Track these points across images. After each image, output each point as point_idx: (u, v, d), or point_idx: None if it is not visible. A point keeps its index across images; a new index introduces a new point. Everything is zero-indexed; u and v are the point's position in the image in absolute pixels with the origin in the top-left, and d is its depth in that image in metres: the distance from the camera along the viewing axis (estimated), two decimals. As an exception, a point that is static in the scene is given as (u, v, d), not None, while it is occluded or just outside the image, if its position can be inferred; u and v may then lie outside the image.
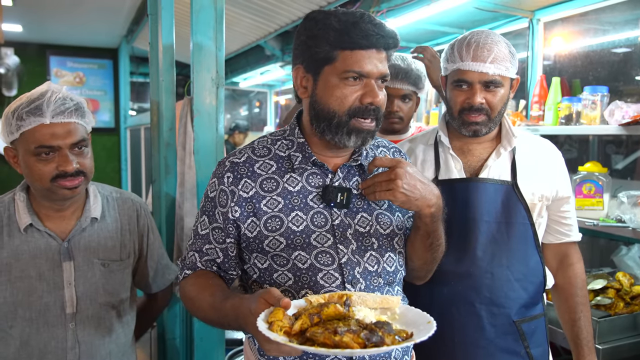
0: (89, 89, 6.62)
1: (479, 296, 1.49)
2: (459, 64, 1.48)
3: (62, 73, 6.50)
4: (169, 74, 2.26)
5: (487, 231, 1.49)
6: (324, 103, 1.16)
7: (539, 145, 1.62)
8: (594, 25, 2.95)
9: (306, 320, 0.95)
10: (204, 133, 1.91)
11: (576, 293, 1.60)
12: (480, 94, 1.47)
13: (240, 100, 9.07)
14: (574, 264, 1.62)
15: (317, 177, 1.23)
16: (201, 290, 1.21)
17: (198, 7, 1.87)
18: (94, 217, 1.57)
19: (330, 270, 1.18)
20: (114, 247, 1.60)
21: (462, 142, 1.59)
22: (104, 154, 6.73)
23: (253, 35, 4.39)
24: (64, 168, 1.42)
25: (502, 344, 1.50)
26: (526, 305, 1.53)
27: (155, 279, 1.78)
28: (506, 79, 1.49)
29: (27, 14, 5.02)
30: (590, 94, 2.40)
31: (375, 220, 1.23)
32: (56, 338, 1.50)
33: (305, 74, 1.20)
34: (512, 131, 1.56)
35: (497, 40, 1.48)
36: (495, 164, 1.55)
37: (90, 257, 1.55)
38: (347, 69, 1.13)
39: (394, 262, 1.26)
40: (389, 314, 1.05)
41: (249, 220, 1.20)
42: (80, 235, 1.54)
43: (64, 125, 1.43)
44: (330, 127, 1.17)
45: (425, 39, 3.68)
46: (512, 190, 1.51)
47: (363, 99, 1.15)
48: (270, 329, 0.92)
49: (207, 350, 1.95)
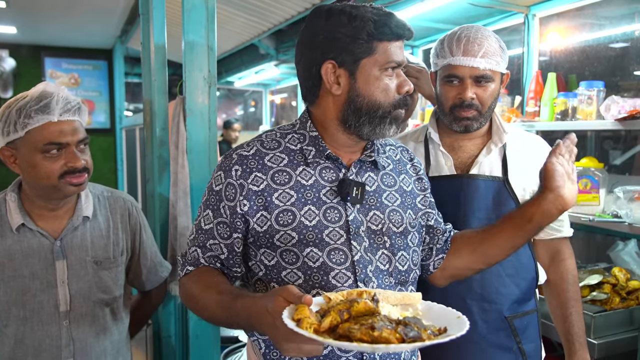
0: (84, 90, 6.60)
1: (470, 292, 1.49)
2: (450, 59, 1.47)
3: (57, 74, 6.48)
4: (161, 73, 2.25)
5: (478, 227, 1.47)
6: (369, 96, 1.15)
7: (530, 141, 1.61)
8: (590, 20, 2.94)
9: (336, 316, 0.91)
10: (197, 132, 1.90)
11: (568, 289, 1.59)
12: (471, 89, 1.46)
13: (235, 99, 9.06)
14: (566, 259, 1.61)
15: (331, 171, 1.21)
16: (206, 288, 1.17)
17: (189, 5, 1.86)
18: (85, 216, 1.58)
19: (343, 269, 1.15)
20: (106, 245, 1.61)
21: (452, 139, 1.58)
22: (100, 155, 6.71)
23: (247, 34, 4.38)
24: (73, 164, 1.46)
25: (494, 339, 1.49)
26: (518, 301, 1.52)
27: (148, 277, 1.78)
28: (497, 73, 1.48)
29: (21, 16, 5.00)
30: (586, 89, 2.39)
31: (387, 217, 1.21)
32: (50, 336, 1.51)
33: (338, 69, 1.16)
34: (502, 127, 1.55)
35: (487, 34, 1.47)
36: (485, 160, 1.54)
37: (83, 256, 1.56)
38: (389, 60, 1.14)
39: (406, 261, 1.24)
40: (410, 310, 1.03)
41: (259, 214, 1.16)
42: (72, 234, 1.55)
43: (69, 123, 1.47)
44: (374, 120, 1.16)
45: (420, 36, 3.67)
46: (503, 186, 1.51)
47: (400, 89, 1.17)
48: (299, 326, 0.88)
49: (202, 348, 1.94)
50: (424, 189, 1.34)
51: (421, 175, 1.35)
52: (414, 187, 1.31)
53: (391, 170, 1.29)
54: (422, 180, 1.34)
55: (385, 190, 1.25)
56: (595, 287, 2.12)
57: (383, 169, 1.27)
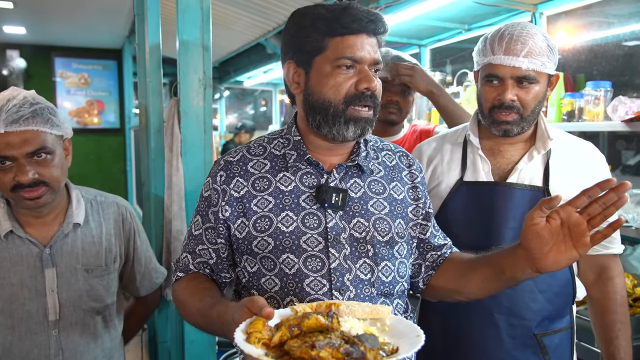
0: (94, 90, 6.64)
1: (498, 306, 1.40)
2: (490, 57, 1.39)
3: (67, 74, 6.53)
4: (155, 74, 2.23)
5: (511, 238, 1.38)
6: (318, 94, 1.13)
7: (579, 148, 1.48)
8: (599, 18, 2.87)
9: (286, 332, 0.89)
10: (192, 135, 1.88)
11: (615, 310, 1.44)
12: (512, 90, 1.37)
13: (246, 99, 9.06)
14: (614, 277, 1.46)
15: (312, 177, 1.18)
16: (192, 294, 1.18)
17: (183, 6, 1.83)
18: (76, 223, 1.54)
19: (318, 276, 1.13)
20: (98, 252, 1.57)
21: (492, 142, 1.49)
22: (110, 155, 6.75)
23: (252, 33, 4.36)
24: (19, 179, 1.38)
25: (520, 356, 1.40)
26: (550, 317, 1.42)
27: (142, 283, 1.76)
28: (542, 75, 1.38)
29: (30, 16, 5.03)
30: (593, 89, 2.32)
31: (372, 226, 1.17)
32: (39, 345, 1.48)
33: (297, 69, 1.17)
34: (548, 132, 1.44)
35: (534, 32, 1.37)
36: (526, 168, 1.44)
37: (73, 264, 1.52)
38: (339, 56, 1.10)
39: (391, 272, 1.19)
40: (378, 325, 0.99)
41: (239, 220, 1.17)
42: (62, 242, 1.52)
43: (19, 134, 1.36)
44: (327, 119, 1.13)
45: (426, 35, 3.62)
46: (542, 196, 1.37)
47: (358, 85, 1.11)
48: (248, 340, 0.87)
49: (198, 354, 1.93)
50: (418, 198, 1.27)
51: (417, 184, 1.28)
52: (406, 196, 1.26)
53: (381, 177, 1.24)
54: (418, 189, 1.28)
55: (372, 198, 1.20)
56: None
57: (371, 174, 1.23)
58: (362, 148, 1.23)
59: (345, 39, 1.10)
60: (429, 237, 1.28)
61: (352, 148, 1.23)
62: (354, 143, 1.23)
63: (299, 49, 1.15)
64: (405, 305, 1.27)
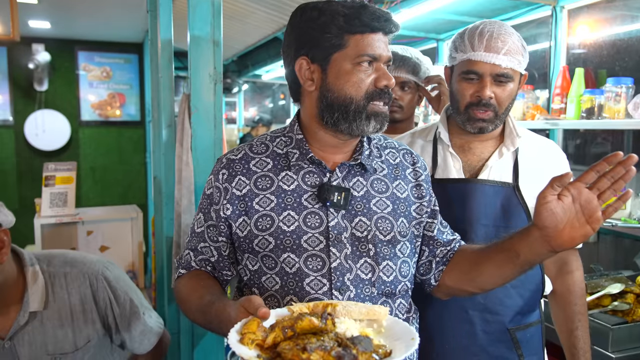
0: (115, 83, 6.73)
1: (473, 302, 1.42)
2: (470, 53, 1.39)
3: (90, 68, 6.63)
4: (167, 69, 2.24)
5: (484, 235, 1.40)
6: (338, 90, 1.12)
7: (544, 147, 1.52)
8: (622, 12, 2.78)
9: (279, 333, 0.89)
10: (202, 130, 1.88)
11: (575, 302, 1.51)
12: (490, 88, 1.38)
13: (264, 92, 9.08)
14: (574, 271, 1.53)
15: (314, 175, 1.17)
16: (192, 291, 1.19)
17: (195, 1, 1.83)
18: (32, 312, 1.41)
19: (318, 276, 1.12)
20: (66, 336, 1.46)
21: (463, 140, 1.50)
22: (131, 147, 6.85)
23: (268, 28, 4.36)
24: None
25: (494, 351, 1.43)
26: (522, 312, 1.45)
27: (133, 346, 1.64)
28: (516, 73, 1.41)
29: (55, 11, 5.13)
30: (614, 85, 2.25)
31: (374, 225, 1.16)
32: None
33: (311, 65, 1.15)
34: (516, 130, 1.47)
35: (511, 32, 1.40)
36: (496, 165, 1.46)
37: (38, 353, 1.41)
38: (361, 53, 1.11)
39: (392, 271, 1.18)
40: (375, 326, 0.98)
41: (241, 219, 1.17)
42: (22, 331, 1.41)
43: None
44: (348, 115, 1.13)
45: (444, 29, 3.57)
46: (513, 192, 1.42)
47: (377, 82, 1.12)
48: (241, 341, 0.87)
49: (207, 346, 1.95)
50: (422, 196, 1.26)
51: (421, 182, 1.27)
52: (409, 194, 1.24)
53: (384, 176, 1.23)
54: (422, 187, 1.26)
55: (374, 196, 1.19)
56: (617, 297, 2.01)
57: (374, 173, 1.22)
58: (365, 146, 1.22)
59: (365, 37, 1.11)
60: (436, 234, 1.28)
61: (355, 146, 1.22)
62: (357, 141, 1.22)
63: (315, 45, 1.13)
64: (408, 306, 1.25)
